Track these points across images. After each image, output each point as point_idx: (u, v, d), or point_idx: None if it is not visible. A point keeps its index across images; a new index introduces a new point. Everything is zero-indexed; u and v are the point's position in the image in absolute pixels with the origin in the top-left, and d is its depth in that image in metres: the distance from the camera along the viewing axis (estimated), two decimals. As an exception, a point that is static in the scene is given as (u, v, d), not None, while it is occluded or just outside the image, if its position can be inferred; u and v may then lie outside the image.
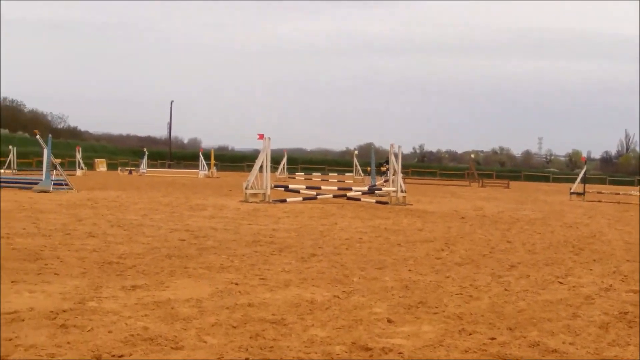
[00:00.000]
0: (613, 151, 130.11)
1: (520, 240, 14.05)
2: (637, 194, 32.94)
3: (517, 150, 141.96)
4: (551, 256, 11.67)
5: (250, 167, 27.58)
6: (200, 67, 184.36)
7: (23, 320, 5.98)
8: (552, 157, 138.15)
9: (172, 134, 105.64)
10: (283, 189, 25.21)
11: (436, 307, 7.12)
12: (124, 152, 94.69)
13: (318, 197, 23.93)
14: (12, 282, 7.71)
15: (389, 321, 6.44)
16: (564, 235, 15.26)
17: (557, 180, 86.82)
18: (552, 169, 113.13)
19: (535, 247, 12.97)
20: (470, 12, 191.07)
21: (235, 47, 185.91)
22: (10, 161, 49.22)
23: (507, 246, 12.93)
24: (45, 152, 26.79)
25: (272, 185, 23.93)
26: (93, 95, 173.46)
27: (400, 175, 24.86)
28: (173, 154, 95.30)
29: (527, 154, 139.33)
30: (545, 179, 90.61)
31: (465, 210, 22.48)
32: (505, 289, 8.35)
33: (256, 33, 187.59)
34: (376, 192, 26.27)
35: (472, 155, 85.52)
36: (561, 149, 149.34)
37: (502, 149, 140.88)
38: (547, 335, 6.14)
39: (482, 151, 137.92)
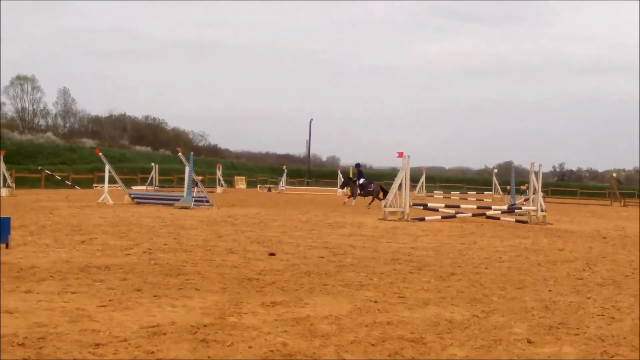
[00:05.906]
0: None
1: (665, 261, 13.46)
2: None
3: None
4: (699, 277, 11.13)
5: (388, 186, 27.53)
6: (340, 85, 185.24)
7: (165, 334, 6.07)
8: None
9: (311, 152, 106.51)
10: (422, 207, 25.03)
11: (577, 329, 6.90)
12: (263, 169, 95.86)
13: (457, 215, 23.65)
14: (155, 296, 7.87)
15: (529, 342, 6.27)
16: None
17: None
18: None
19: (681, 267, 12.41)
20: (611, 27, 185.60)
21: (379, 65, 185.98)
22: (152, 178, 50.64)
23: (651, 267, 12.41)
24: (187, 169, 27.45)
25: (411, 204, 23.78)
26: (234, 114, 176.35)
27: (540, 194, 24.28)
28: (311, 172, 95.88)
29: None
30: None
31: (607, 230, 21.75)
32: (650, 311, 8.00)
33: (402, 52, 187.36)
34: (516, 211, 25.80)
35: (614, 174, 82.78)
36: None
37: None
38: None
39: (624, 170, 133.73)
